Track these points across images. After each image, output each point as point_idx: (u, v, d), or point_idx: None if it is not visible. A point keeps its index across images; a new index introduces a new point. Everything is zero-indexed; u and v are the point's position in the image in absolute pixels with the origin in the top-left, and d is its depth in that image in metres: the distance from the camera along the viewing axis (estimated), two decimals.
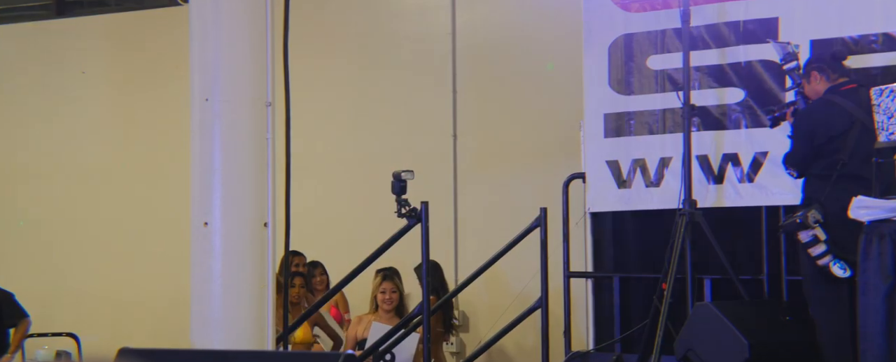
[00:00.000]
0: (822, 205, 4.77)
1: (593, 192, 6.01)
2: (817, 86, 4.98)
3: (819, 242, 4.75)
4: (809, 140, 4.91)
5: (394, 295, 6.34)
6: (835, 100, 4.89)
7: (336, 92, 7.90)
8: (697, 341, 5.04)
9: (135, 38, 8.52)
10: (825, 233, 4.73)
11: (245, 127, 4.87)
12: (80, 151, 8.62)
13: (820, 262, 4.75)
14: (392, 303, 6.32)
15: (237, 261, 4.83)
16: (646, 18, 5.86)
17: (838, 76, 4.95)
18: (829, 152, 4.87)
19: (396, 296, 6.33)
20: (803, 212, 4.79)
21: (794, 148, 5.00)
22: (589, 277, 6.09)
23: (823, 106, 4.94)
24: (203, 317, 4.85)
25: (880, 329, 4.48)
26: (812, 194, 4.90)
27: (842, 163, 4.79)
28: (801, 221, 4.75)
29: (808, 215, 4.75)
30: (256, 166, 4.89)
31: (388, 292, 6.34)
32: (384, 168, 5.70)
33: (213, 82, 4.87)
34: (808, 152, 4.92)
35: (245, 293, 4.85)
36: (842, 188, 4.71)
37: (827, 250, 4.74)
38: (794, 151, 5.00)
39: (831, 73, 4.95)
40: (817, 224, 4.74)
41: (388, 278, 6.41)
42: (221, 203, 4.82)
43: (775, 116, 5.14)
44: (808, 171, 4.96)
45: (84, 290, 8.33)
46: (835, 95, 4.90)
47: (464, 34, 7.53)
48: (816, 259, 4.76)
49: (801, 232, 4.78)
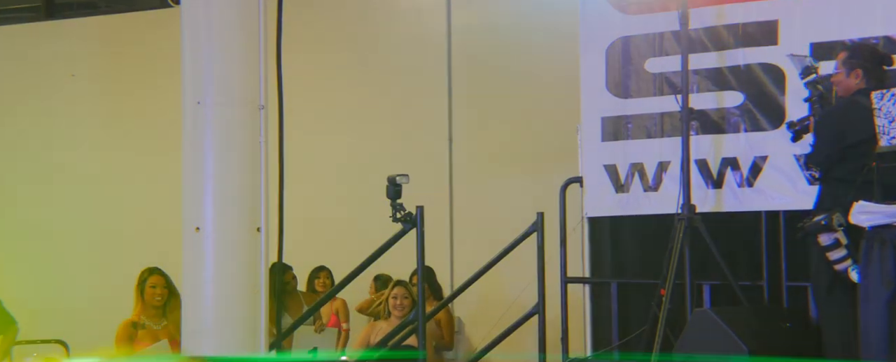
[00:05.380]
0: (845, 209, 4.68)
1: (591, 197, 5.96)
2: (853, 83, 4.85)
3: (840, 246, 4.68)
4: (838, 141, 4.80)
5: (406, 300, 6.42)
6: (863, 102, 4.77)
7: (330, 95, 7.84)
8: (696, 347, 4.99)
9: (125, 41, 8.45)
10: (847, 238, 4.66)
11: (238, 130, 4.82)
12: (70, 155, 8.55)
13: (838, 267, 4.68)
14: (403, 310, 6.38)
15: (229, 267, 4.77)
16: (644, 21, 5.82)
17: (876, 83, 4.81)
18: (854, 156, 4.76)
19: (408, 303, 6.37)
20: (827, 215, 4.70)
21: (819, 147, 4.88)
22: (586, 282, 6.04)
23: (853, 107, 4.82)
24: (194, 323, 4.79)
25: (881, 335, 4.45)
26: (833, 198, 4.80)
27: (867, 167, 4.71)
28: (826, 223, 4.67)
29: (834, 217, 4.67)
30: (249, 170, 4.83)
31: (400, 298, 6.41)
32: (379, 172, 5.64)
33: (205, 85, 4.82)
34: (834, 153, 4.81)
35: (237, 299, 4.79)
36: (866, 193, 4.63)
37: (848, 254, 4.67)
38: (819, 151, 4.88)
39: (873, 78, 4.84)
40: (841, 227, 4.66)
41: (401, 284, 6.50)
42: (213, 207, 4.77)
43: (797, 130, 5.05)
44: (828, 174, 4.87)
45: (74, 296, 8.25)
46: (864, 98, 4.77)
47: (459, 37, 7.48)
48: (835, 263, 4.69)
49: (823, 234, 4.69)
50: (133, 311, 6.06)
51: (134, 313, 6.04)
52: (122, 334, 5.98)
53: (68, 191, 8.52)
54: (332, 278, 7.26)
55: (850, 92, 4.88)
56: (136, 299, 6.05)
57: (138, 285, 6.07)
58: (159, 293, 5.98)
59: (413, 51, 7.62)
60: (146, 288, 6.01)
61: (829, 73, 5.01)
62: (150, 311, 6.00)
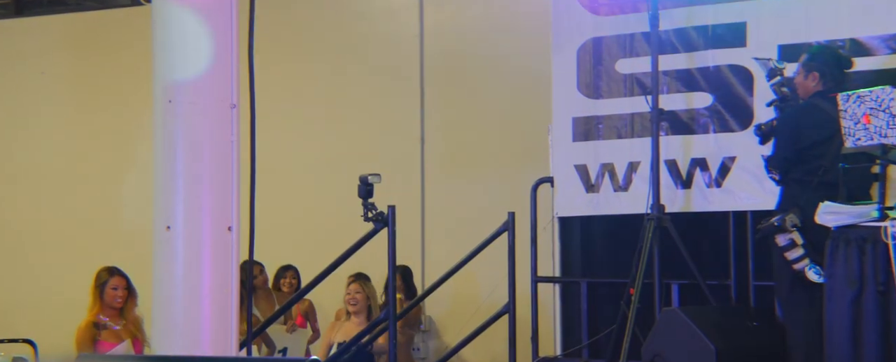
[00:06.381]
0: (800, 210, 4.76)
1: (561, 197, 5.99)
2: (810, 85, 4.93)
3: (796, 246, 4.75)
4: (794, 143, 4.88)
5: (358, 295, 6.34)
6: (821, 104, 4.86)
7: (302, 94, 7.83)
8: (665, 346, 5.04)
9: (96, 39, 8.39)
10: (802, 238, 4.73)
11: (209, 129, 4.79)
12: (40, 153, 8.48)
13: (796, 267, 4.75)
14: (356, 304, 6.30)
15: (200, 266, 4.75)
16: (615, 22, 5.86)
17: (834, 86, 4.87)
18: (811, 157, 4.85)
19: (361, 298, 6.31)
20: (781, 216, 4.78)
21: (777, 150, 4.97)
22: (557, 282, 6.07)
23: (809, 110, 4.90)
24: (165, 323, 4.77)
25: (846, 334, 4.49)
26: (791, 199, 4.89)
27: (823, 169, 4.79)
28: (780, 224, 4.75)
29: (787, 219, 4.75)
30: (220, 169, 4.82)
31: (353, 292, 6.33)
32: (351, 171, 5.64)
33: (176, 83, 4.79)
34: (791, 155, 4.89)
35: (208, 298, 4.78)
36: (821, 194, 4.70)
37: (804, 254, 4.74)
38: (777, 154, 4.96)
39: (830, 81, 4.90)
40: (795, 228, 4.73)
41: (357, 280, 6.41)
42: (184, 207, 4.74)
43: (764, 133, 5.11)
44: (788, 176, 4.94)
45: (42, 296, 8.18)
46: (822, 100, 4.87)
47: (432, 37, 7.50)
48: (793, 263, 4.76)
49: (779, 235, 4.77)
50: (90, 312, 5.89)
51: (91, 313, 5.88)
52: (86, 335, 5.86)
53: (37, 190, 8.45)
54: (298, 278, 7.23)
55: (809, 94, 4.95)
56: (95, 299, 5.89)
57: (98, 285, 5.91)
58: (121, 294, 5.89)
59: (385, 51, 7.62)
60: (107, 289, 5.90)
61: (792, 76, 5.07)
62: (109, 312, 5.89)
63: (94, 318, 5.87)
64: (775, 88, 5.10)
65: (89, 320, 5.86)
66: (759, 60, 5.21)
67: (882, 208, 4.50)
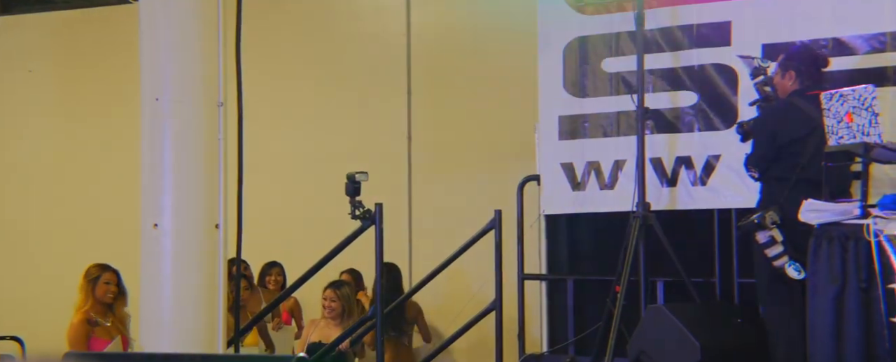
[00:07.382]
0: (780, 208, 4.81)
1: (548, 195, 6.02)
2: (787, 84, 4.98)
3: (776, 243, 4.80)
4: (771, 141, 4.93)
5: (334, 303, 6.36)
6: (798, 103, 4.92)
7: (290, 92, 7.83)
8: (650, 343, 5.07)
9: (83, 37, 8.38)
10: (782, 235, 4.78)
11: (196, 127, 4.81)
12: (26, 151, 8.46)
13: (776, 264, 4.80)
14: (333, 312, 6.35)
15: (188, 263, 4.77)
16: (600, 21, 5.89)
17: (811, 84, 4.93)
18: (788, 155, 4.90)
19: (336, 305, 6.35)
20: (761, 214, 4.83)
21: (755, 148, 5.02)
22: (543, 279, 6.10)
23: (787, 108, 4.96)
24: (152, 320, 4.78)
25: (829, 330, 4.53)
26: (770, 196, 4.94)
27: (801, 166, 4.84)
28: (759, 222, 4.80)
29: (766, 216, 4.80)
30: (208, 167, 4.83)
31: (328, 300, 6.37)
32: (338, 169, 5.66)
33: (163, 82, 4.80)
34: (769, 153, 4.95)
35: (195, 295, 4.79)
36: (800, 191, 4.75)
37: (783, 251, 4.78)
38: (755, 152, 5.02)
39: (807, 79, 4.95)
40: (774, 225, 4.78)
41: (331, 287, 6.44)
42: (172, 204, 4.76)
43: (746, 131, 5.16)
44: (767, 174, 4.99)
45: (29, 293, 8.17)
46: (799, 99, 4.93)
47: (419, 35, 7.51)
48: (773, 260, 4.80)
49: (759, 232, 4.82)
50: (80, 309, 5.85)
51: (82, 310, 5.83)
52: (79, 332, 5.82)
53: (24, 187, 8.43)
54: (284, 275, 7.23)
55: (787, 93, 5.01)
56: (86, 295, 5.84)
57: (89, 281, 5.87)
58: (112, 290, 5.88)
59: (372, 49, 7.63)
60: (99, 285, 5.86)
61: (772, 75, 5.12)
62: (99, 308, 5.86)
63: (86, 315, 5.84)
64: (758, 87, 5.14)
65: (81, 317, 5.83)
66: (743, 58, 5.25)
67: (864, 205, 4.54)
